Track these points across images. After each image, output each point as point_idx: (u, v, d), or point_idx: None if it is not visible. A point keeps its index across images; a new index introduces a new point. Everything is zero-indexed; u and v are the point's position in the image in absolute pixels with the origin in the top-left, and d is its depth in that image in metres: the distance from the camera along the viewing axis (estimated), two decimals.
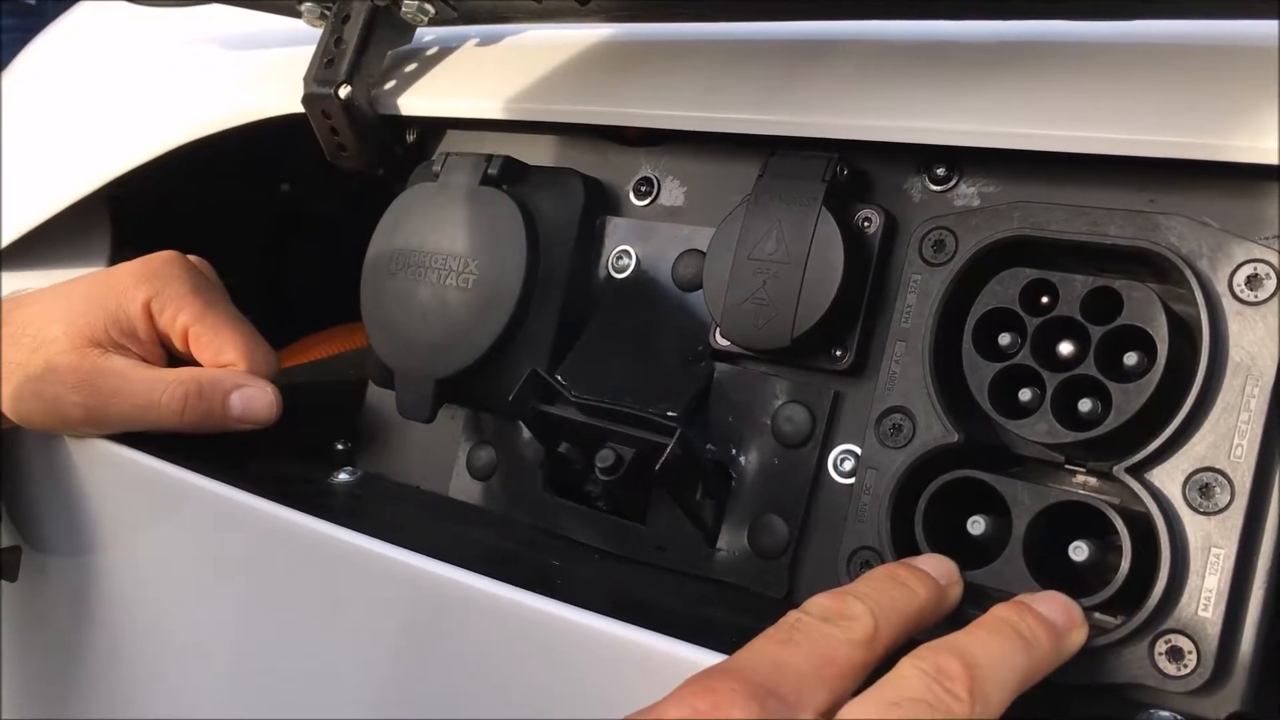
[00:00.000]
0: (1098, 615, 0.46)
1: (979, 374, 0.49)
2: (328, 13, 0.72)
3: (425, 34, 0.75)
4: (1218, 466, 0.44)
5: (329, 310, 0.94)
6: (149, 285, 0.70)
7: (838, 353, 0.54)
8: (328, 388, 0.83)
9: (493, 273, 0.62)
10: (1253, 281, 0.45)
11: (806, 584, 0.54)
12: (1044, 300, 0.49)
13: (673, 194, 0.63)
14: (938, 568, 0.46)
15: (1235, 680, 0.44)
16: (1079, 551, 0.45)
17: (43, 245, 0.90)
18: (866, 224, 0.54)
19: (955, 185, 0.54)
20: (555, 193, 0.64)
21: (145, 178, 0.83)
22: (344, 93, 0.69)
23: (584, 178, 0.64)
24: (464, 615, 0.54)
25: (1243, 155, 0.45)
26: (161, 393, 0.67)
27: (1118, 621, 0.45)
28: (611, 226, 0.64)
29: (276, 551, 0.62)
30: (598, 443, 0.55)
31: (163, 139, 0.81)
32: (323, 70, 0.70)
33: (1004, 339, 0.49)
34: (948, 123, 0.52)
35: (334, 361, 0.90)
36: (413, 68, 0.72)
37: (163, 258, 0.72)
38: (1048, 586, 0.46)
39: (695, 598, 0.55)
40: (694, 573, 0.56)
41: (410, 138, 0.74)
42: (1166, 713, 0.44)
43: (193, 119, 0.80)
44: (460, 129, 0.72)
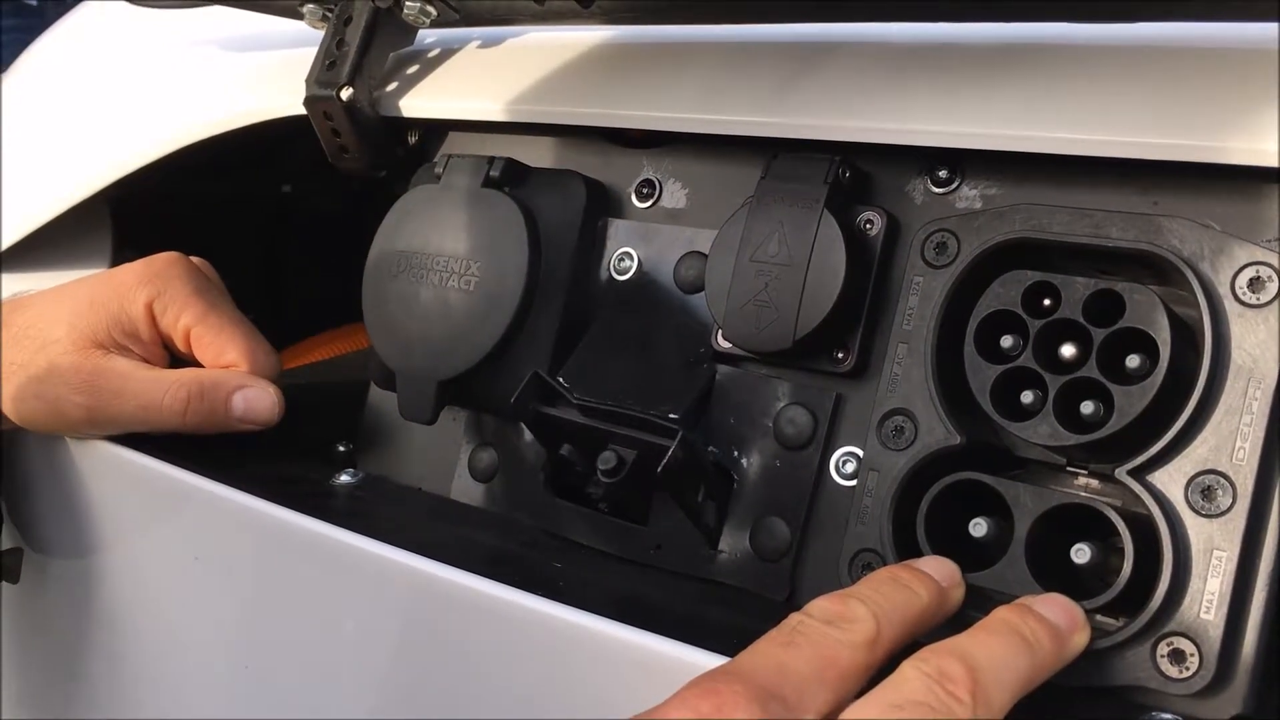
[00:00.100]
0: (1100, 617, 0.46)
1: (981, 376, 0.49)
2: (330, 14, 0.72)
3: (427, 36, 0.75)
4: (1220, 469, 0.44)
5: (330, 311, 0.94)
6: (151, 286, 0.70)
7: (840, 355, 0.54)
8: (329, 389, 0.83)
9: (494, 274, 0.62)
10: (1255, 284, 0.45)
11: (808, 586, 0.54)
12: (1046, 302, 0.49)
13: (675, 196, 0.63)
14: (939, 570, 0.46)
15: (1237, 683, 0.44)
16: (1081, 554, 0.45)
17: (44, 246, 0.90)
18: (869, 226, 0.54)
19: (957, 187, 0.54)
20: (557, 194, 0.64)
21: (147, 179, 0.83)
22: (346, 94, 0.69)
23: (586, 179, 0.64)
24: (465, 617, 0.54)
25: (1244, 158, 0.45)
26: (164, 393, 0.68)
27: (1120, 624, 0.45)
28: (613, 228, 0.64)
29: (278, 553, 0.62)
30: (599, 445, 0.55)
31: (165, 141, 0.81)
32: (325, 72, 0.70)
33: (1006, 341, 0.49)
34: (950, 125, 0.52)
35: (336, 363, 0.90)
36: (415, 69, 0.73)
37: (165, 259, 0.72)
38: (1050, 589, 0.46)
39: (697, 599, 0.55)
40: (696, 574, 0.56)
41: (412, 139, 0.74)
42: (1168, 715, 0.44)
43: (195, 120, 0.80)
44: (462, 131, 0.72)
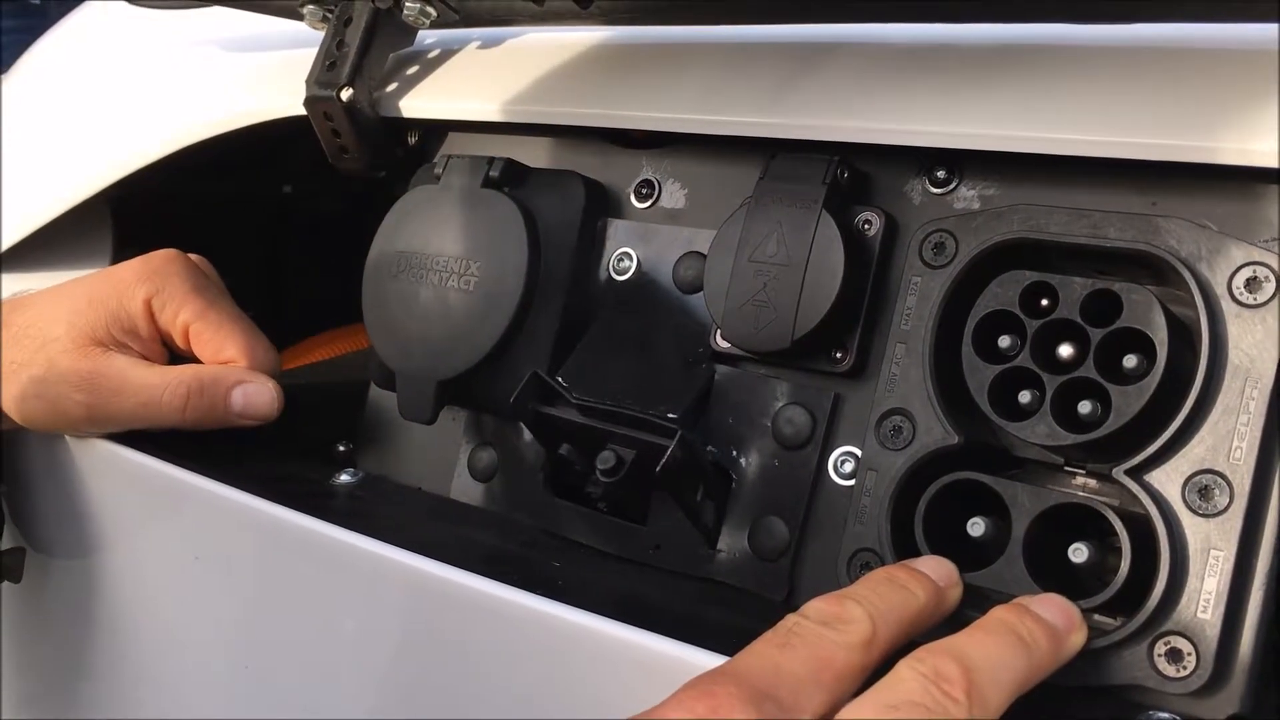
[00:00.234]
0: (1097, 617, 0.46)
1: (979, 376, 0.49)
2: (330, 15, 0.72)
3: (427, 36, 0.75)
4: (1217, 469, 0.44)
5: (329, 311, 0.94)
6: (149, 283, 0.70)
7: (838, 355, 0.54)
8: (329, 389, 0.83)
9: (494, 274, 0.63)
10: (1252, 284, 0.45)
11: (807, 585, 0.54)
12: (1044, 302, 0.49)
13: (674, 196, 0.63)
14: (937, 570, 0.46)
15: (1234, 682, 0.44)
16: (1078, 553, 0.45)
17: (45, 246, 0.91)
18: (867, 226, 0.54)
19: (955, 188, 0.54)
20: (556, 195, 0.64)
21: (148, 179, 0.83)
22: (346, 95, 0.69)
23: (585, 180, 0.64)
24: (465, 616, 0.54)
25: (1242, 158, 0.45)
26: (163, 390, 0.68)
27: (1117, 623, 0.45)
28: (612, 228, 0.64)
29: (278, 552, 0.63)
30: (598, 444, 0.55)
31: (165, 141, 0.81)
32: (325, 72, 0.70)
33: (1004, 341, 0.49)
34: (948, 125, 0.52)
35: (336, 363, 0.90)
36: (414, 70, 0.73)
37: (163, 256, 0.72)
38: (1047, 588, 0.46)
39: (695, 599, 0.55)
40: (694, 574, 0.57)
41: (412, 140, 0.74)
42: (1165, 714, 0.44)
43: (195, 121, 0.80)
44: (462, 131, 0.72)
